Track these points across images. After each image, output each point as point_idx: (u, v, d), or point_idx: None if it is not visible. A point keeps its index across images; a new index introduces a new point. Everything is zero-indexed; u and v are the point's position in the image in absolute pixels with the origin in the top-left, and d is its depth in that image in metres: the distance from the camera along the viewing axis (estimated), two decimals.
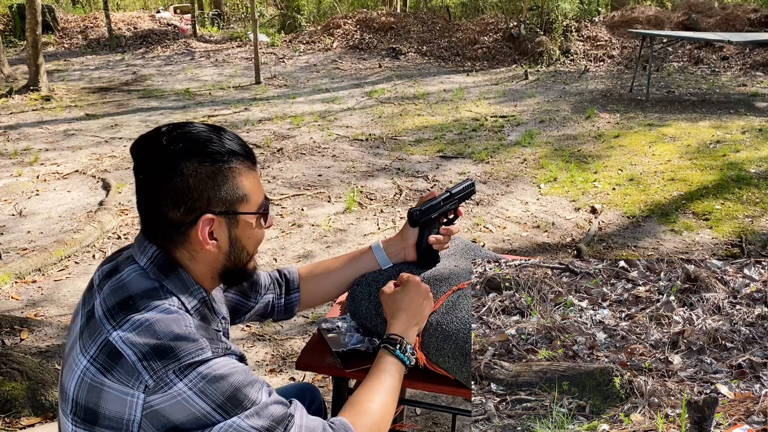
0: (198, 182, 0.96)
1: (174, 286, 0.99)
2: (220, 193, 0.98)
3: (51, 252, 3.86)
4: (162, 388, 0.88)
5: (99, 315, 0.95)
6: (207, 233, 0.99)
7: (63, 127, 7.26)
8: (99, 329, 0.93)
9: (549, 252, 3.98)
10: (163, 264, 1.00)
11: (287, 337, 3.07)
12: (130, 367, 0.88)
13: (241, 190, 1.00)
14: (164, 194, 0.97)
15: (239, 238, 1.03)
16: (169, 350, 0.89)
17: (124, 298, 0.95)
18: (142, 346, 0.89)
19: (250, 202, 1.02)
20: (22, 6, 11.95)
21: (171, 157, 0.96)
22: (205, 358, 0.90)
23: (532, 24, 12.15)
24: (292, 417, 0.96)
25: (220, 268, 1.04)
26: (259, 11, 13.25)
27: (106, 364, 0.90)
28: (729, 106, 7.83)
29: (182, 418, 0.89)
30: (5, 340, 2.98)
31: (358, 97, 8.92)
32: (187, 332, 0.92)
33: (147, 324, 0.91)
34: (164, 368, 0.88)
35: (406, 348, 1.18)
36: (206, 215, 0.98)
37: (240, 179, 1.00)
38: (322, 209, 4.72)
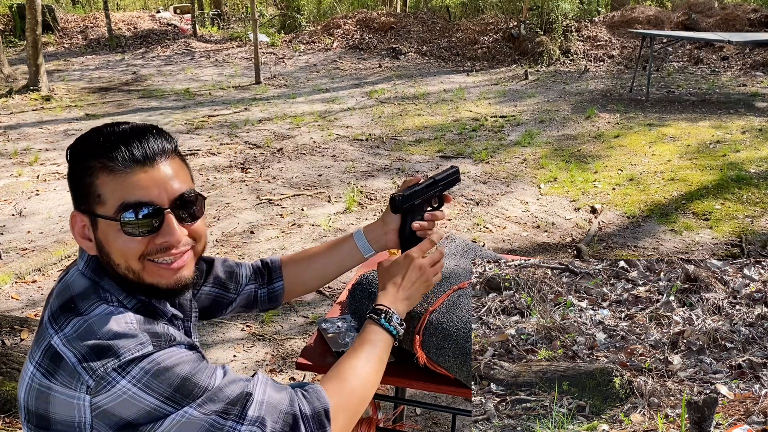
0: (70, 177, 0.98)
1: (110, 287, 0.97)
2: (79, 189, 0.97)
3: (51, 252, 3.86)
4: (104, 388, 0.86)
5: (45, 320, 0.94)
6: (78, 230, 0.98)
7: (63, 127, 7.26)
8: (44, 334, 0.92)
9: (549, 252, 3.98)
10: (96, 267, 0.99)
11: (287, 337, 3.07)
12: (71, 369, 0.87)
13: (95, 189, 0.94)
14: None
15: (102, 242, 0.96)
16: (107, 349, 0.87)
17: (66, 300, 0.94)
18: (81, 347, 0.87)
19: (106, 204, 0.94)
20: (22, 6, 11.95)
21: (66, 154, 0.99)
22: (146, 352, 0.88)
23: (532, 24, 12.15)
24: (250, 395, 0.93)
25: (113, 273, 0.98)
26: (259, 11, 13.25)
27: (49, 368, 0.89)
28: (729, 106, 7.83)
29: (132, 414, 0.87)
30: (5, 340, 2.98)
31: (358, 97, 8.92)
32: (126, 329, 0.90)
33: (86, 325, 0.90)
34: (103, 367, 0.86)
35: (391, 318, 1.14)
36: (74, 212, 0.99)
37: (96, 179, 0.94)
38: (322, 209, 4.72)
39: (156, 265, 0.97)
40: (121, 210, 0.93)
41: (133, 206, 0.93)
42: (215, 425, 0.89)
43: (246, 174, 5.55)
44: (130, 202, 0.93)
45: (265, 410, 0.93)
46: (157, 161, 0.95)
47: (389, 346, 1.13)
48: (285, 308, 3.31)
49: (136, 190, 0.93)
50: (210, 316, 1.33)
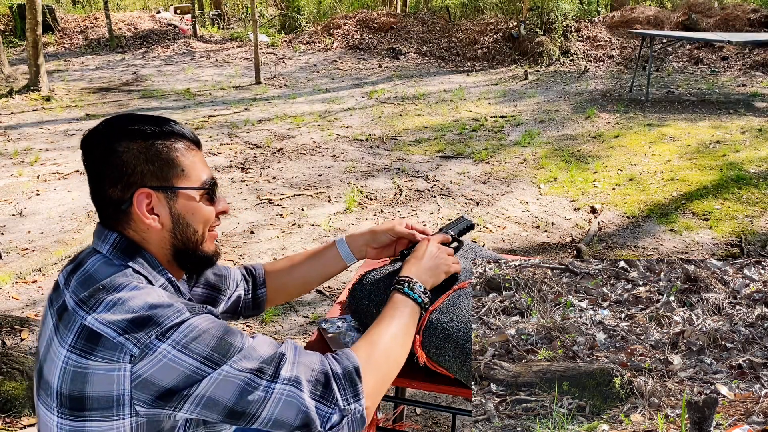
0: (131, 158, 0.99)
1: (140, 267, 1.00)
2: (154, 167, 1.00)
3: (51, 252, 3.87)
4: (147, 354, 0.87)
5: (71, 306, 0.95)
6: (145, 208, 1.00)
7: (63, 127, 7.26)
8: (73, 318, 0.93)
9: (549, 252, 3.98)
10: (126, 248, 1.01)
11: (287, 337, 3.08)
12: (112, 343, 0.88)
13: (177, 165, 1.02)
14: (104, 175, 1.00)
15: (181, 214, 1.03)
16: (147, 319, 0.89)
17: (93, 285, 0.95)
18: (120, 322, 0.89)
19: (190, 177, 1.03)
20: (22, 6, 11.95)
21: (106, 139, 1.00)
22: (184, 318, 0.91)
23: (532, 24, 12.16)
24: (283, 356, 0.96)
25: (170, 247, 1.04)
26: (259, 11, 13.26)
27: (86, 348, 0.90)
28: (729, 106, 7.83)
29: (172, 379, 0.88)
30: (5, 340, 2.98)
31: (358, 97, 8.93)
32: (161, 300, 0.92)
33: (120, 302, 0.91)
34: (146, 335, 0.88)
35: (414, 286, 1.18)
36: (141, 189, 1.00)
37: (176, 155, 1.02)
38: (322, 209, 4.72)
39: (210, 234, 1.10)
40: (207, 182, 1.05)
41: (210, 179, 1.07)
42: (251, 383, 0.91)
43: (246, 174, 5.55)
44: (208, 176, 1.06)
45: (298, 370, 0.95)
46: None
47: (415, 313, 1.17)
48: (285, 308, 3.32)
49: (205, 166, 1.07)
50: None
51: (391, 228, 1.38)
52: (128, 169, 0.99)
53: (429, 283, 1.23)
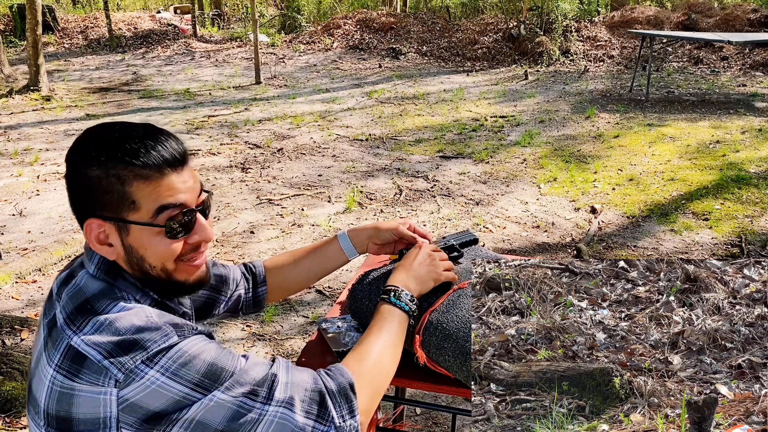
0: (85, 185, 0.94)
1: (125, 287, 0.97)
2: (105, 198, 0.93)
3: (51, 252, 3.87)
4: (133, 380, 0.85)
5: (60, 323, 0.93)
6: (95, 236, 0.96)
7: (63, 127, 7.26)
8: (61, 336, 0.91)
9: (549, 252, 3.98)
10: (109, 270, 0.98)
11: (287, 337, 3.07)
12: (96, 366, 0.86)
13: (129, 197, 0.93)
14: (70, 198, 0.97)
15: (134, 247, 0.96)
16: (133, 343, 0.87)
17: (81, 302, 0.93)
18: (105, 344, 0.87)
19: (141, 210, 0.94)
20: (22, 6, 11.95)
21: (70, 160, 0.95)
22: (172, 342, 0.88)
23: (532, 24, 12.15)
24: (275, 377, 0.94)
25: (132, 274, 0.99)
26: (259, 11, 13.26)
27: (72, 369, 0.88)
28: (729, 106, 7.83)
29: (161, 404, 0.86)
30: (5, 340, 2.98)
31: (358, 97, 8.93)
32: (149, 322, 0.90)
33: (107, 322, 0.89)
34: (132, 360, 0.86)
35: (401, 295, 1.18)
36: (91, 219, 0.95)
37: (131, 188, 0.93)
38: (322, 209, 4.72)
39: (185, 264, 1.00)
40: (158, 214, 0.94)
41: (171, 209, 0.94)
42: (243, 407, 0.90)
43: (246, 174, 5.55)
44: (168, 206, 0.94)
45: (292, 390, 0.93)
46: (183, 163, 0.97)
47: (403, 322, 1.16)
48: (285, 308, 3.32)
49: (171, 193, 0.94)
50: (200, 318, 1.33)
51: (394, 228, 1.38)
52: (83, 197, 0.95)
53: (416, 291, 1.22)
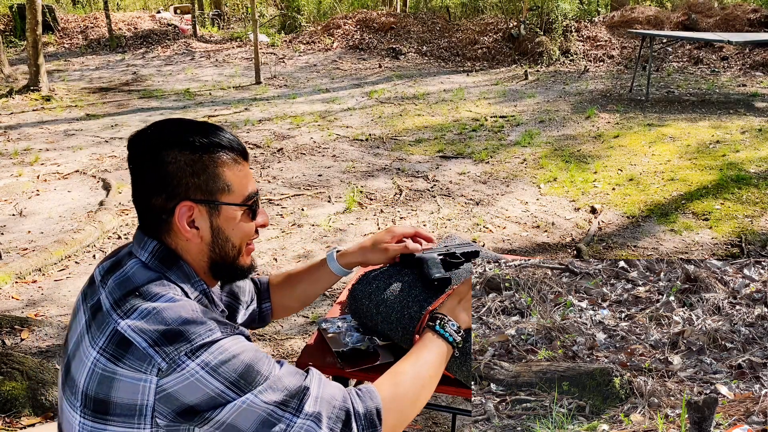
0: (177, 169, 0.99)
1: (176, 277, 1.01)
2: (199, 180, 1.00)
3: (51, 252, 3.86)
4: (175, 370, 0.88)
5: (106, 307, 0.95)
6: (186, 220, 1.00)
7: (63, 127, 7.26)
8: (107, 320, 0.94)
9: (549, 252, 3.98)
10: (164, 257, 1.01)
11: (287, 337, 3.08)
12: (141, 353, 0.89)
13: (222, 180, 1.02)
14: (149, 182, 1.00)
15: (222, 229, 1.03)
16: (179, 334, 0.90)
17: (129, 289, 0.96)
18: (151, 332, 0.90)
19: (233, 193, 1.03)
20: (22, 6, 11.95)
21: (153, 146, 1.00)
22: (215, 338, 0.91)
23: (532, 24, 12.16)
24: (307, 389, 0.95)
25: (207, 260, 1.05)
26: (259, 11, 13.26)
27: (116, 353, 0.90)
28: (729, 106, 7.83)
29: (196, 398, 0.89)
30: (5, 340, 2.98)
31: (358, 97, 8.93)
32: (195, 316, 0.93)
33: (155, 311, 0.92)
34: (176, 351, 0.88)
35: (445, 324, 1.14)
36: (184, 202, 0.99)
37: (222, 169, 1.02)
38: (322, 209, 4.72)
39: (247, 248, 1.10)
40: (249, 198, 1.05)
41: (254, 195, 1.07)
42: (273, 415, 0.91)
43: None
44: (252, 192, 1.06)
45: (320, 405, 0.94)
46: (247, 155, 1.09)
47: (444, 353, 1.12)
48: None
49: (250, 181, 1.06)
50: None
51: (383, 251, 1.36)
52: (174, 180, 0.99)
53: (465, 322, 1.17)
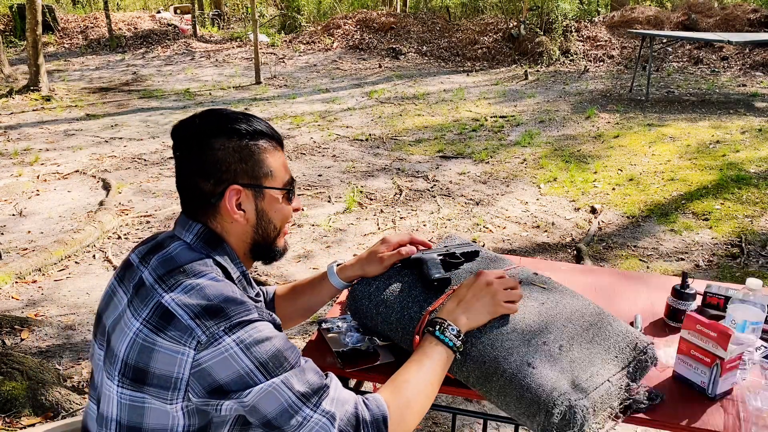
0: (226, 155, 1.06)
1: (221, 258, 1.07)
2: (246, 166, 1.07)
3: (51, 252, 3.86)
4: (212, 344, 0.92)
5: (150, 282, 1.00)
6: (234, 203, 1.07)
7: (63, 127, 7.26)
8: (151, 294, 0.98)
9: (549, 252, 3.98)
10: (209, 239, 1.08)
11: (287, 336, 3.08)
12: (183, 325, 0.93)
13: (266, 165, 1.10)
14: (197, 168, 1.07)
15: (266, 211, 1.11)
16: (219, 310, 0.94)
17: (174, 267, 1.01)
18: (194, 306, 0.94)
19: (276, 178, 1.11)
20: (22, 6, 11.95)
21: (202, 133, 1.07)
22: (252, 318, 0.96)
23: (532, 24, 12.15)
24: (327, 387, 0.99)
25: (250, 241, 1.12)
26: (259, 11, 13.26)
27: (159, 325, 0.95)
28: (729, 106, 7.83)
29: (227, 376, 0.93)
30: (5, 340, 2.98)
31: (358, 97, 8.93)
32: (235, 296, 0.97)
33: (198, 287, 0.97)
34: (216, 325, 0.93)
35: (445, 329, 1.13)
36: (233, 186, 1.07)
37: (265, 156, 1.10)
38: (323, 209, 4.72)
39: (284, 230, 1.18)
40: (289, 183, 1.14)
41: (292, 180, 1.16)
42: (294, 406, 0.95)
43: None
44: (291, 177, 1.15)
45: (336, 406, 0.99)
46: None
47: (445, 358, 1.13)
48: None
49: (287, 168, 1.15)
50: None
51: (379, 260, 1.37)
52: (223, 166, 1.06)
53: (466, 325, 1.15)
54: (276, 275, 3.68)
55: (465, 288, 1.21)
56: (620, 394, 1.15)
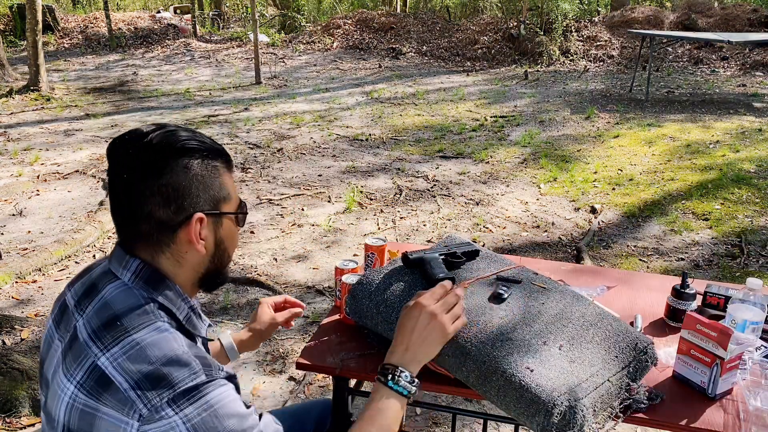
0: (189, 180, 0.94)
1: (164, 299, 0.95)
2: (209, 191, 0.97)
3: (51, 252, 3.86)
4: (155, 420, 0.83)
5: (84, 337, 0.89)
6: (197, 233, 0.96)
7: (63, 126, 7.26)
8: (85, 352, 0.88)
9: (549, 252, 3.98)
10: (149, 277, 0.95)
11: (287, 337, 3.08)
12: (122, 395, 0.84)
13: (225, 189, 1.00)
14: (152, 193, 0.92)
15: (223, 239, 1.02)
16: (161, 378, 0.85)
17: (109, 318, 0.89)
18: (134, 373, 0.85)
19: (232, 201, 1.02)
20: (22, 6, 11.95)
21: (160, 154, 0.93)
22: (199, 382, 0.86)
23: (532, 24, 12.16)
24: None
25: (203, 271, 1.02)
26: (259, 11, 13.26)
27: (95, 391, 0.86)
28: (728, 106, 7.83)
29: None
30: (5, 340, 2.98)
31: (358, 97, 8.92)
32: (180, 354, 0.87)
33: (138, 348, 0.86)
34: (158, 396, 0.84)
35: (399, 378, 1.06)
36: (198, 214, 0.95)
37: (224, 178, 1.00)
38: (322, 209, 4.72)
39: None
40: (241, 206, 1.05)
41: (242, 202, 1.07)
42: None
43: (246, 174, 5.55)
44: (242, 199, 1.07)
45: None
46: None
47: (399, 407, 1.06)
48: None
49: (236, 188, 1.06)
50: None
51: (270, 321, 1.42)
52: (185, 192, 0.94)
53: (418, 367, 1.09)
54: (276, 275, 3.68)
55: (409, 325, 1.11)
56: (620, 394, 1.15)
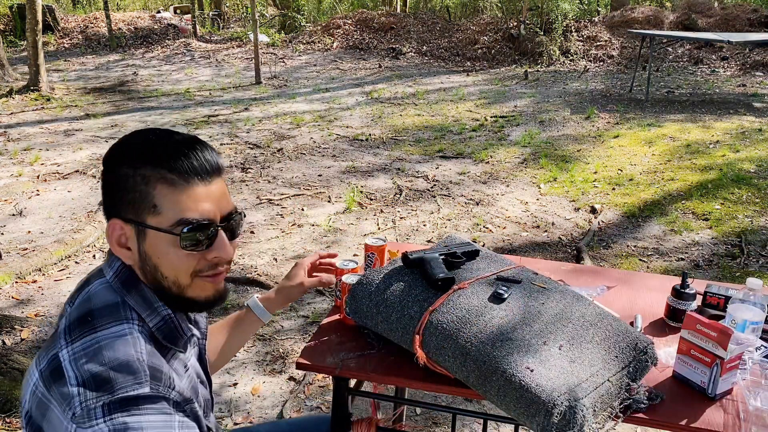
0: (114, 183, 0.92)
1: (136, 303, 0.93)
2: (128, 197, 0.91)
3: (51, 252, 3.86)
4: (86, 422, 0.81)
5: (61, 328, 0.91)
6: (116, 238, 0.93)
7: (63, 126, 7.26)
8: (55, 343, 0.89)
9: (549, 252, 3.98)
10: (126, 278, 0.95)
11: (287, 337, 3.08)
12: (66, 390, 0.83)
13: (150, 199, 0.91)
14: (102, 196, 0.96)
15: (149, 255, 0.93)
16: (105, 381, 0.83)
17: (84, 312, 0.90)
18: (84, 371, 0.84)
19: (161, 215, 0.91)
20: (22, 6, 11.95)
21: (106, 157, 0.95)
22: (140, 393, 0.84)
23: (532, 24, 12.15)
24: None
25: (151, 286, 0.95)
26: (259, 11, 13.25)
27: (47, 381, 0.86)
28: (728, 106, 7.83)
29: None
30: (5, 340, 2.98)
31: (358, 97, 8.92)
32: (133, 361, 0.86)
33: (97, 346, 0.86)
34: (96, 399, 0.82)
35: None
36: (114, 219, 0.93)
37: (154, 190, 0.90)
38: (322, 209, 4.72)
39: (201, 279, 0.96)
40: (180, 224, 0.91)
41: (193, 221, 0.91)
42: None
43: (246, 174, 5.55)
44: (190, 218, 0.91)
45: None
46: (213, 176, 0.94)
47: None
48: (285, 308, 3.32)
49: (196, 205, 0.92)
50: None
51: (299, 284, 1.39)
52: (110, 194, 0.93)
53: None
54: (276, 275, 3.68)
55: None
56: (620, 394, 1.16)
